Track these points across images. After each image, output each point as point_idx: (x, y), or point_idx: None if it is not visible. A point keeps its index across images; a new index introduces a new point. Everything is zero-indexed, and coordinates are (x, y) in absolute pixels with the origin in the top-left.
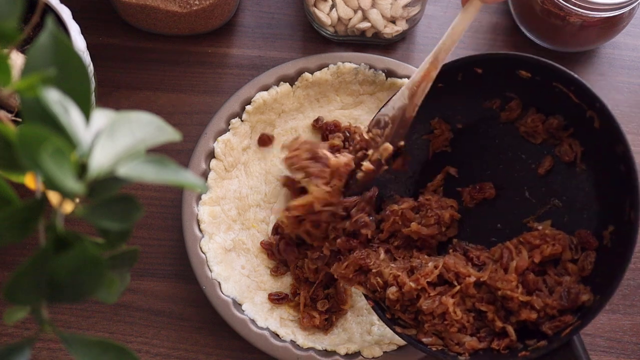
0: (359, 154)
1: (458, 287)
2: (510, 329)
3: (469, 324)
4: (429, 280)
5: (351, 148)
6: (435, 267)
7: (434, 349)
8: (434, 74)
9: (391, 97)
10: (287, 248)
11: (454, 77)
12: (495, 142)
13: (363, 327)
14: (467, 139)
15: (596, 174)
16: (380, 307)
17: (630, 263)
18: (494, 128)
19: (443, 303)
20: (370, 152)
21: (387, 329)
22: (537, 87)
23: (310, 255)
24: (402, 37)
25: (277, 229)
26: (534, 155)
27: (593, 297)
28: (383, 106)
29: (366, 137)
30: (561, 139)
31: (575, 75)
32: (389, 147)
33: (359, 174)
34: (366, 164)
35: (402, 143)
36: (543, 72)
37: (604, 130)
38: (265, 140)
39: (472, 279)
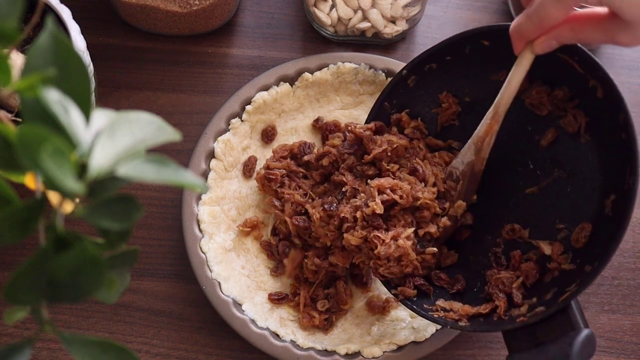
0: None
1: (412, 227)
2: (432, 250)
3: (419, 264)
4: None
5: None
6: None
7: (435, 315)
8: (497, 127)
9: (460, 151)
10: (289, 250)
11: (461, 50)
12: None
13: (363, 327)
14: (475, 112)
15: (599, 144)
16: None
17: (627, 229)
18: None
19: (401, 246)
20: (447, 205)
21: (387, 329)
22: (543, 58)
23: (310, 256)
24: (402, 37)
25: (276, 230)
26: (539, 127)
27: (574, 266)
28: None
29: (442, 189)
30: (566, 110)
31: (578, 44)
32: (462, 204)
33: (440, 229)
34: (444, 220)
35: (474, 197)
36: None
37: (607, 99)
38: (268, 134)
39: (407, 187)
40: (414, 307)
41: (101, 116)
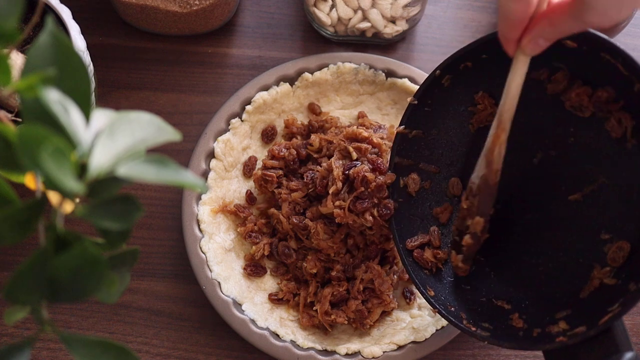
0: (459, 221)
1: None
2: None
3: None
4: None
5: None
6: None
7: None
8: (504, 136)
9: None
10: (287, 250)
11: (498, 48)
12: (540, 114)
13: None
14: (515, 113)
15: None
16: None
17: None
18: (541, 101)
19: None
20: (469, 222)
21: (387, 329)
22: (585, 57)
23: (310, 259)
24: (402, 37)
25: (274, 230)
26: (583, 129)
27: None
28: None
29: (465, 206)
30: (610, 113)
31: (621, 47)
32: (480, 220)
33: (464, 249)
34: (466, 239)
35: (491, 211)
36: (588, 42)
37: None
38: (268, 134)
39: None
40: (447, 316)
41: (101, 116)
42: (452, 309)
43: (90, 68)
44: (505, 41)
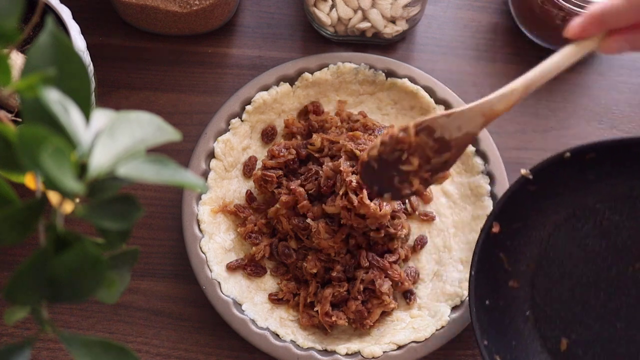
0: (391, 150)
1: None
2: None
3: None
4: None
5: (383, 141)
6: None
7: None
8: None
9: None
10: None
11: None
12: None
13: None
14: (618, 216)
15: None
16: None
17: None
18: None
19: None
20: (404, 156)
21: (387, 329)
22: None
23: (310, 259)
24: (402, 37)
25: (274, 230)
26: None
27: None
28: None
29: (412, 141)
30: None
31: None
32: (448, 175)
33: (405, 192)
34: (418, 185)
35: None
36: None
37: None
38: (268, 134)
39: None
40: None
41: (101, 116)
42: None
43: (90, 68)
44: (597, 21)
